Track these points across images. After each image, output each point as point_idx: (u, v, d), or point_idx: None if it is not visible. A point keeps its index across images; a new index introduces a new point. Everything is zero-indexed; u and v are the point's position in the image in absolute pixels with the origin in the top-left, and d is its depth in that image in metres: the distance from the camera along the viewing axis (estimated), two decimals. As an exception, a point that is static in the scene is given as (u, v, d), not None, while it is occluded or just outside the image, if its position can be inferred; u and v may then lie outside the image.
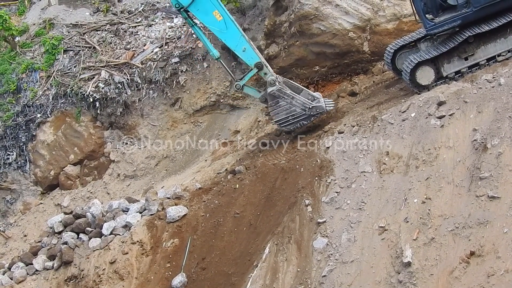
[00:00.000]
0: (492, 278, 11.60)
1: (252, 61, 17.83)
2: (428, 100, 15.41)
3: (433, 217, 13.10)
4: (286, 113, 17.90)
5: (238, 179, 17.27)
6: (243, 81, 18.17)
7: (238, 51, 17.80)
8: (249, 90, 18.58)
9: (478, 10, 15.87)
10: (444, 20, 16.30)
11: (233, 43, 17.68)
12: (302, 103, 17.83)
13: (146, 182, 22.02)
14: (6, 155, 24.02)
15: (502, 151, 13.13)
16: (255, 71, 17.94)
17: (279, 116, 17.98)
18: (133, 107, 22.96)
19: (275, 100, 17.92)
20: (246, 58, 17.86)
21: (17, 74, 24.47)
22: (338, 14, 19.79)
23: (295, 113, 17.90)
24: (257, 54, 17.94)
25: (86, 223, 17.78)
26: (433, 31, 16.49)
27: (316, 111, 17.87)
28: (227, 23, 17.42)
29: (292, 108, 17.86)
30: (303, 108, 17.84)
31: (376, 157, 15.20)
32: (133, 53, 23.50)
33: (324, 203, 15.04)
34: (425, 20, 16.49)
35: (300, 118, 17.94)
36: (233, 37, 17.60)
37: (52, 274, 17.18)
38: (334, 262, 13.72)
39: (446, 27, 16.31)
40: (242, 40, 17.61)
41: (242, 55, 17.82)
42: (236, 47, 17.70)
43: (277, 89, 17.87)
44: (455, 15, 16.14)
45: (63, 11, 26.17)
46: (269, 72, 17.99)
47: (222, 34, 17.62)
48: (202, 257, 15.89)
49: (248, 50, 17.68)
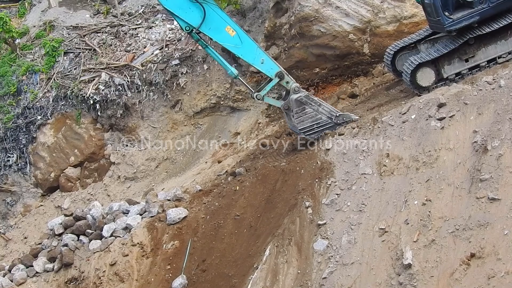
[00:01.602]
0: (492, 280, 11.59)
1: (272, 72, 17.08)
2: (428, 102, 15.39)
3: (433, 219, 13.09)
4: (311, 120, 17.05)
5: (238, 181, 17.26)
6: (264, 91, 17.29)
7: (256, 64, 17.04)
8: (270, 100, 17.92)
9: (495, 6, 15.91)
10: (462, 17, 16.18)
11: (251, 56, 16.91)
12: (329, 110, 17.10)
13: (146, 184, 22.02)
14: (7, 157, 24.01)
15: (503, 153, 13.12)
16: (276, 81, 17.18)
17: (304, 124, 17.08)
18: (133, 109, 22.95)
19: (302, 106, 17.06)
20: (266, 70, 17.11)
21: (17, 76, 24.46)
22: (338, 16, 19.80)
23: (321, 121, 17.05)
24: (276, 64, 17.32)
25: (86, 225, 17.78)
26: (452, 27, 16.32)
27: (343, 119, 17.03)
28: (241, 37, 16.72)
29: (318, 116, 17.02)
30: (329, 116, 17.05)
31: (376, 159, 15.19)
32: (133, 55, 23.50)
33: (324, 205, 15.01)
34: (444, 17, 16.33)
35: (325, 127, 17.09)
36: (250, 51, 16.85)
37: (52, 276, 17.17)
38: (334, 264, 13.70)
39: (465, 24, 16.22)
40: (259, 52, 16.97)
41: (261, 67, 17.06)
42: (254, 61, 16.95)
43: (305, 95, 17.15)
44: (473, 11, 16.09)
45: (63, 13, 26.18)
46: (291, 80, 17.27)
47: (238, 50, 16.84)
48: (202, 259, 15.88)
49: (267, 61, 17.00)
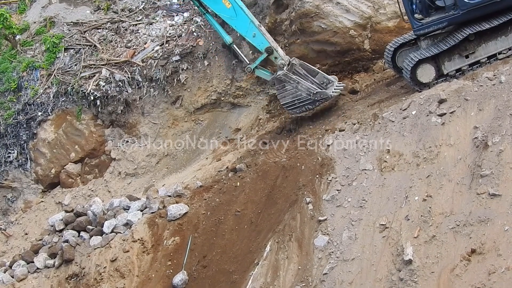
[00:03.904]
0: (493, 275, 11.61)
1: (262, 46, 18.47)
2: (429, 98, 15.40)
3: (434, 215, 13.11)
4: (292, 97, 18.39)
5: (239, 177, 17.27)
6: (254, 64, 18.84)
7: (249, 37, 18.49)
8: (261, 72, 19.18)
9: (466, 13, 15.84)
10: (431, 21, 16.33)
11: (243, 29, 18.45)
12: (307, 88, 18.27)
13: (147, 180, 21.99)
14: (7, 154, 23.96)
15: (503, 148, 13.13)
16: (265, 55, 18.57)
17: (285, 99, 18.52)
18: (134, 105, 22.90)
19: (281, 84, 18.45)
20: (257, 44, 18.52)
21: (17, 72, 24.39)
22: (338, 12, 19.77)
23: (301, 97, 18.34)
24: (267, 39, 18.48)
25: (87, 221, 17.81)
26: (420, 32, 16.52)
27: (320, 96, 18.25)
28: (236, 10, 18.22)
29: (298, 92, 18.33)
30: (308, 93, 18.25)
31: (377, 155, 15.20)
32: (134, 51, 23.44)
33: (325, 201, 15.04)
34: (413, 21, 16.54)
35: (305, 103, 18.39)
36: (243, 24, 18.36)
37: (53, 272, 17.20)
38: (335, 260, 13.73)
39: (433, 29, 16.32)
40: (251, 26, 18.31)
41: (253, 40, 18.50)
42: (247, 33, 18.42)
43: (283, 73, 18.35)
44: (443, 17, 16.16)
45: (63, 9, 26.09)
46: (279, 56, 18.57)
47: (232, 21, 18.39)
48: (203, 255, 15.90)
49: (258, 35, 18.33)
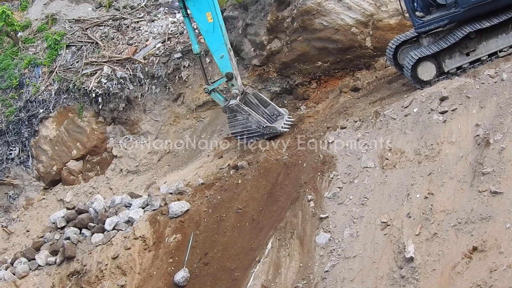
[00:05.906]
0: (494, 273, 11.61)
1: (224, 70, 18.61)
2: (430, 95, 15.39)
3: (435, 213, 13.11)
4: (242, 127, 18.57)
5: (240, 174, 17.27)
6: (212, 86, 19.03)
7: (216, 56, 18.54)
8: (216, 96, 19.26)
9: (466, 11, 15.86)
10: (432, 19, 16.35)
11: (214, 47, 18.47)
12: (257, 121, 18.44)
13: (148, 177, 22.00)
14: (9, 151, 23.98)
15: (505, 146, 13.12)
16: (224, 80, 18.78)
17: (235, 129, 18.69)
18: (136, 103, 22.91)
19: (233, 113, 18.56)
20: (221, 65, 18.64)
21: (19, 69, 24.40)
22: (340, 9, 19.76)
23: (250, 129, 18.52)
24: (232, 65, 18.61)
25: (88, 218, 17.81)
26: (421, 29, 16.53)
27: (269, 130, 18.43)
28: (215, 27, 18.18)
29: (248, 124, 18.47)
30: (257, 126, 18.41)
31: (378, 152, 15.20)
32: (136, 48, 23.46)
33: (326, 198, 15.04)
34: (414, 18, 16.54)
35: (254, 134, 18.53)
36: (216, 42, 18.37)
37: (54, 270, 17.20)
38: (336, 258, 13.73)
39: (434, 26, 16.34)
40: (222, 48, 18.37)
41: (218, 61, 18.59)
42: (215, 52, 18.47)
43: (236, 104, 18.49)
44: (444, 14, 16.18)
45: (65, 6, 26.11)
46: (236, 85, 18.74)
47: (207, 35, 18.38)
48: (204, 253, 15.91)
49: (225, 58, 18.45)
